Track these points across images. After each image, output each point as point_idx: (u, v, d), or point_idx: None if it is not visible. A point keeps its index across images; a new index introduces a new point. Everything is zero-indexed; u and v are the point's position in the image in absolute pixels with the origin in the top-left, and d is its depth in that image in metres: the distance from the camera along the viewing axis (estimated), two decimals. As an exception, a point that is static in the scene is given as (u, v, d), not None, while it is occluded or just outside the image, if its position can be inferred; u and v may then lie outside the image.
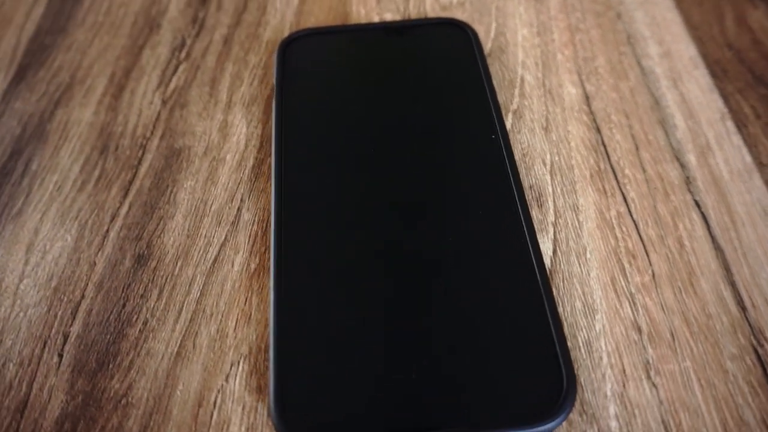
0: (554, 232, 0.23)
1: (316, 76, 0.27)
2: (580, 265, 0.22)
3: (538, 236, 0.22)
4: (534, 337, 0.19)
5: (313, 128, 0.25)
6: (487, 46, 0.29)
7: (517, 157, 0.25)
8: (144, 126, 0.27)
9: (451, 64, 0.27)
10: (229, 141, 0.26)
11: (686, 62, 0.28)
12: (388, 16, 0.31)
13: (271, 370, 0.19)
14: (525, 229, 0.22)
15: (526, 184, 0.24)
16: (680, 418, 0.19)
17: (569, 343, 0.20)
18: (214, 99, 0.28)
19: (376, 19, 0.31)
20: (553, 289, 0.21)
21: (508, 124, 0.26)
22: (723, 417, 0.19)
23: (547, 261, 0.22)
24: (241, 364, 0.20)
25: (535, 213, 0.23)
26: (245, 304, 0.22)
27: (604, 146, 0.26)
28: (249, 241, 0.23)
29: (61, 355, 0.21)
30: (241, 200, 0.25)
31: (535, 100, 0.27)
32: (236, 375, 0.20)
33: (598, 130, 0.26)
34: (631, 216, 0.23)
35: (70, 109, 0.28)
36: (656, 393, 0.19)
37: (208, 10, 0.32)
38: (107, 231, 0.24)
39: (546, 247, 0.23)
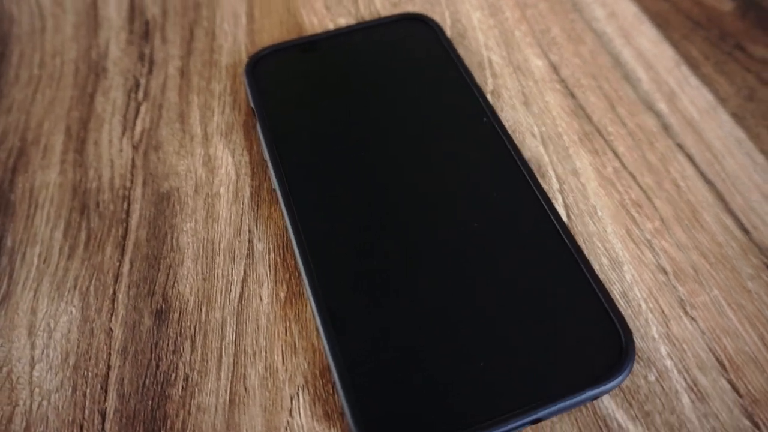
0: (563, 199, 0.24)
1: (294, 90, 0.26)
2: (594, 223, 0.23)
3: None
4: (581, 300, 0.20)
5: (308, 142, 0.24)
6: (447, 34, 0.30)
7: (508, 135, 0.25)
8: (120, 176, 0.25)
9: (423, 57, 0.27)
10: (218, 174, 0.25)
11: (631, 19, 0.30)
12: (342, 21, 0.31)
13: (340, 391, 0.18)
14: (541, 200, 0.22)
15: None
16: (724, 343, 0.20)
17: (609, 298, 0.21)
18: (189, 134, 0.27)
19: (330, 26, 0.31)
20: (581, 251, 0.22)
21: (490, 105, 0.27)
22: (759, 333, 0.20)
23: (564, 227, 0.23)
24: (300, 395, 0.20)
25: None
26: (286, 334, 0.21)
27: (583, 109, 0.27)
28: (270, 270, 0.23)
29: (104, 435, 0.19)
30: (249, 231, 0.24)
31: (508, 78, 0.28)
32: (299, 407, 0.20)
33: (573, 96, 0.27)
34: (626, 169, 0.25)
35: (30, 175, 0.26)
36: (696, 325, 0.21)
37: (153, 44, 0.30)
38: (114, 293, 0.22)
39: (559, 213, 0.23)
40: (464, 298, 0.20)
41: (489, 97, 0.27)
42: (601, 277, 0.22)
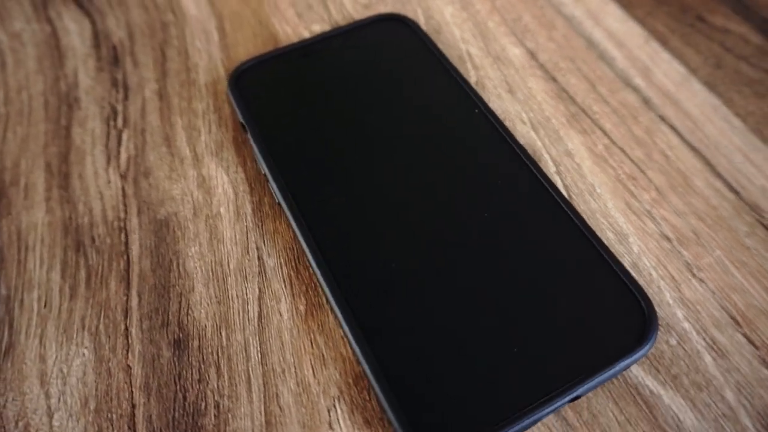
0: (561, 180, 0.25)
1: (281, 101, 0.26)
2: (595, 200, 0.24)
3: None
4: (599, 276, 0.20)
5: (305, 151, 0.24)
6: (425, 31, 0.30)
7: (499, 124, 0.26)
8: (113, 208, 0.24)
9: (406, 56, 0.27)
10: (215, 194, 0.25)
11: (597, 1, 0.31)
12: (317, 28, 0.31)
13: (379, 395, 0.18)
14: (544, 183, 0.23)
15: (518, 146, 0.26)
16: (734, 300, 0.21)
17: (621, 271, 0.22)
18: (178, 157, 0.26)
19: (305, 33, 0.30)
20: (587, 229, 0.23)
21: (476, 97, 0.27)
22: (764, 286, 0.21)
23: (567, 207, 0.24)
24: (337, 406, 0.20)
25: (537, 168, 0.25)
26: (312, 347, 0.21)
27: (566, 92, 0.28)
28: (285, 285, 0.22)
29: (141, 475, 0.18)
30: (258, 248, 0.23)
31: (489, 69, 0.29)
32: (338, 419, 0.19)
33: (554, 80, 0.28)
34: (616, 145, 0.26)
35: (14, 217, 0.24)
36: (706, 286, 0.22)
37: (125, 69, 0.29)
38: (126, 329, 0.21)
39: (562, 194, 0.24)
40: (486, 288, 0.20)
41: (474, 88, 0.28)
42: (611, 251, 0.22)
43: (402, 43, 0.28)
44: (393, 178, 0.23)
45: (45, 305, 0.22)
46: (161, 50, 0.30)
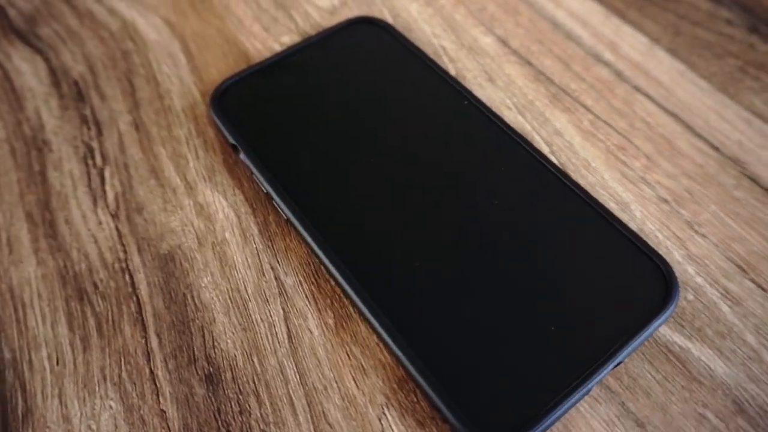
0: (556, 159, 0.25)
1: (270, 116, 0.25)
2: (591, 174, 0.25)
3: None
4: (614, 245, 0.21)
5: (304, 163, 0.24)
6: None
7: (487, 113, 0.26)
8: (110, 249, 0.23)
9: (385, 56, 0.27)
10: (217, 220, 0.24)
11: (554, -16, 0.32)
12: (286, 39, 0.30)
13: (431, 394, 0.18)
14: (544, 164, 0.23)
15: (509, 131, 0.26)
16: (736, 249, 0.23)
17: (630, 238, 0.23)
18: (169, 188, 0.25)
19: (275, 46, 0.30)
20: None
21: (459, 89, 0.28)
22: (759, 232, 0.23)
23: (567, 184, 0.24)
24: (387, 413, 0.19)
25: (532, 151, 0.25)
26: (349, 358, 0.21)
27: (543, 74, 0.28)
28: (309, 301, 0.22)
29: None
30: (273, 268, 0.23)
31: (466, 61, 0.29)
32: (390, 425, 0.19)
33: (530, 63, 0.29)
34: (600, 119, 0.27)
35: (2, 275, 0.23)
36: (709, 240, 0.23)
37: (91, 104, 0.28)
38: (152, 372, 0.20)
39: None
40: (511, 273, 0.21)
41: (458, 80, 0.28)
42: (620, 220, 0.23)
43: (378, 44, 0.28)
44: (398, 177, 0.23)
45: (57, 362, 0.21)
46: (128, 80, 0.29)
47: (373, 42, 0.28)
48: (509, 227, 0.22)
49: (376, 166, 0.24)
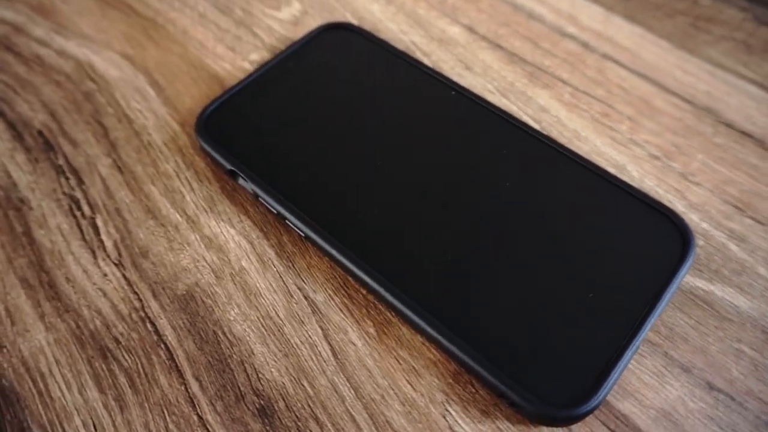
0: (548, 135, 0.26)
1: (261, 135, 0.25)
2: (584, 143, 0.26)
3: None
4: (627, 208, 0.22)
5: (311, 177, 0.23)
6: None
7: (474, 100, 0.27)
8: (123, 300, 0.22)
9: (363, 59, 0.27)
10: (229, 250, 0.23)
11: (505, -33, 0.33)
12: (255, 57, 0.29)
13: (492, 381, 0.18)
14: (543, 141, 0.24)
15: (497, 115, 0.27)
16: (729, 192, 0.24)
17: (635, 197, 0.24)
18: (171, 226, 0.24)
19: (245, 65, 0.29)
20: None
21: (440, 81, 0.28)
22: (745, 171, 0.24)
23: (564, 156, 0.25)
24: (450, 409, 0.19)
25: (524, 130, 0.26)
26: (399, 362, 0.20)
27: (516, 55, 0.29)
28: (345, 314, 0.21)
29: None
30: (299, 288, 0.22)
31: (439, 53, 0.29)
32: (457, 420, 0.19)
33: (500, 47, 0.30)
34: (579, 90, 0.28)
35: (11, 349, 0.21)
36: (704, 188, 0.24)
37: (63, 152, 0.26)
38: (200, 418, 0.19)
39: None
40: (537, 249, 0.21)
41: (440, 72, 0.28)
42: (625, 182, 0.24)
43: (353, 48, 0.28)
44: (407, 175, 0.23)
45: (95, 428, 0.19)
46: (97, 121, 0.27)
47: (347, 47, 0.28)
48: (527, 206, 0.22)
49: (382, 166, 0.24)
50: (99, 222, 0.24)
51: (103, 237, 0.24)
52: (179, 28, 0.31)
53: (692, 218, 0.23)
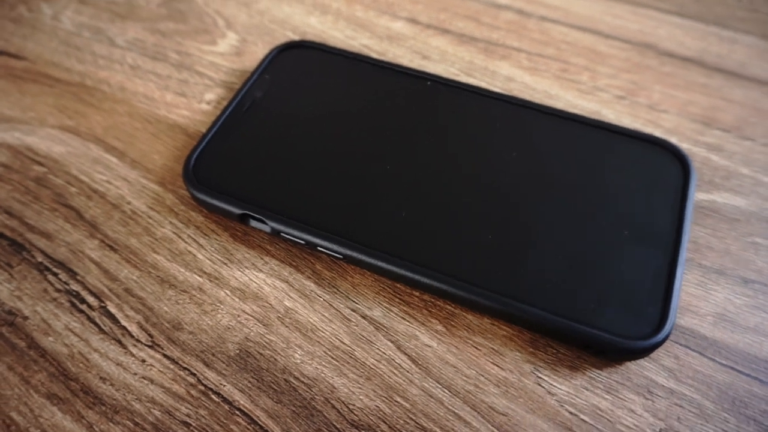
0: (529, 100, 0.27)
1: (257, 169, 0.23)
2: (556, 101, 0.27)
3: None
4: (625, 147, 0.24)
5: (323, 196, 0.23)
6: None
7: (445, 86, 0.27)
8: (174, 381, 0.20)
9: (328, 71, 0.27)
10: (266, 296, 0.22)
11: (421, -44, 0.34)
12: (210, 96, 0.28)
13: (578, 333, 0.19)
14: (527, 106, 0.25)
15: (471, 95, 0.27)
16: (692, 111, 0.27)
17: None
18: (194, 289, 0.22)
19: (204, 107, 0.28)
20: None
21: (405, 76, 0.28)
22: (700, 92, 0.27)
23: (545, 117, 0.26)
24: (540, 375, 0.20)
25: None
26: (477, 348, 0.21)
27: (464, 35, 0.30)
28: (410, 321, 0.21)
29: None
30: (353, 310, 0.22)
31: (393, 50, 0.30)
32: (552, 383, 0.20)
33: (448, 31, 0.30)
34: (531, 53, 0.29)
35: (64, 473, 0.19)
36: (671, 113, 0.27)
37: (37, 247, 0.23)
38: (308, 469, 0.19)
39: (533, 111, 0.27)
40: (567, 205, 0.22)
41: (408, 66, 0.29)
42: (613, 124, 0.26)
43: (316, 63, 0.27)
44: (419, 169, 0.23)
45: None
46: (64, 205, 0.25)
47: (309, 63, 0.27)
48: (540, 170, 0.23)
49: (391, 168, 0.23)
50: (112, 308, 0.22)
51: (124, 323, 0.22)
52: (115, 86, 0.29)
53: (672, 142, 0.26)
